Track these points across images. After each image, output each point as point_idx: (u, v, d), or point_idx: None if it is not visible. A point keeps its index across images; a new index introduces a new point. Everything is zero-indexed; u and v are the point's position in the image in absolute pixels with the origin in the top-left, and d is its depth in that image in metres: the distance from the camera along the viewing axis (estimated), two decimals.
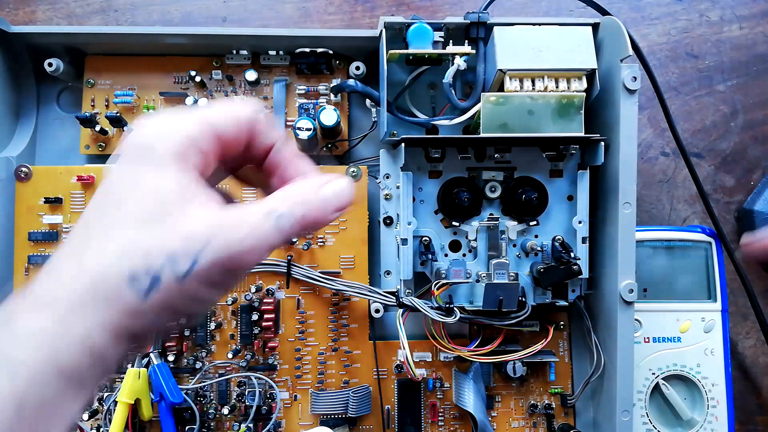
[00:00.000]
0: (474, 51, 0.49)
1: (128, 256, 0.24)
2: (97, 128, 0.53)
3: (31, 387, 0.23)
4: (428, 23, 0.49)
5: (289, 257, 0.52)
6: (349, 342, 0.54)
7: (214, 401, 0.53)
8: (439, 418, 0.54)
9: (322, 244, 0.53)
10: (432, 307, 0.48)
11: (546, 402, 0.55)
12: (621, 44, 0.47)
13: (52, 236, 0.52)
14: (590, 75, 0.48)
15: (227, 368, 0.53)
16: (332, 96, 0.55)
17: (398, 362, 0.54)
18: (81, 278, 0.24)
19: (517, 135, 0.47)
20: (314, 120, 0.52)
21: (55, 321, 0.23)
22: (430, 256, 0.49)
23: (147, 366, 0.50)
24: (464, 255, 0.51)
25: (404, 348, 0.48)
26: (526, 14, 0.61)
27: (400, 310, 0.49)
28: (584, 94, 0.48)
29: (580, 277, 0.49)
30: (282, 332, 0.53)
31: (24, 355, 0.23)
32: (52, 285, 0.24)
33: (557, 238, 0.50)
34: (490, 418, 0.54)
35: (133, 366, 0.50)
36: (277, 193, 0.27)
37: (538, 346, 0.51)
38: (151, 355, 0.50)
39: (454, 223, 0.50)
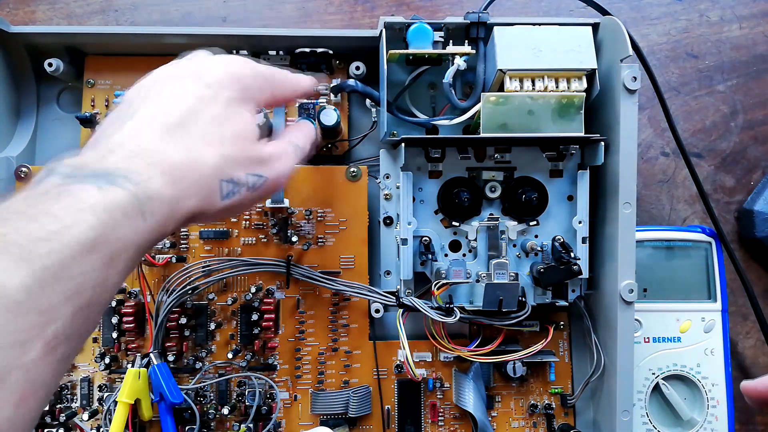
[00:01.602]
0: (474, 51, 0.49)
1: (227, 167, 0.34)
2: (97, 128, 0.53)
3: (156, 220, 0.30)
4: (428, 23, 0.49)
5: (289, 257, 0.52)
6: (349, 342, 0.54)
7: (214, 401, 0.53)
8: (439, 418, 0.54)
9: (322, 244, 0.53)
10: (432, 307, 0.48)
11: (546, 402, 0.55)
12: (621, 44, 0.47)
13: None
14: (590, 75, 0.48)
15: (227, 368, 0.53)
16: (332, 96, 0.55)
17: (398, 362, 0.54)
18: (194, 174, 0.32)
19: (517, 135, 0.47)
20: (314, 120, 0.52)
21: (176, 196, 0.31)
22: (430, 256, 0.49)
23: (147, 366, 0.50)
24: (464, 255, 0.51)
25: (404, 348, 0.48)
26: (526, 14, 0.61)
27: (400, 310, 0.49)
28: (584, 94, 0.48)
29: (580, 277, 0.49)
30: (282, 332, 0.53)
31: (155, 211, 0.30)
32: (177, 172, 0.32)
33: (557, 238, 0.50)
34: (490, 418, 0.54)
35: (133, 366, 0.50)
36: (292, 130, 0.43)
37: (538, 346, 0.51)
38: (151, 355, 0.50)
39: (454, 223, 0.50)
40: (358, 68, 0.54)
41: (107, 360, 0.51)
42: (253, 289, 0.52)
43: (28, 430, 0.24)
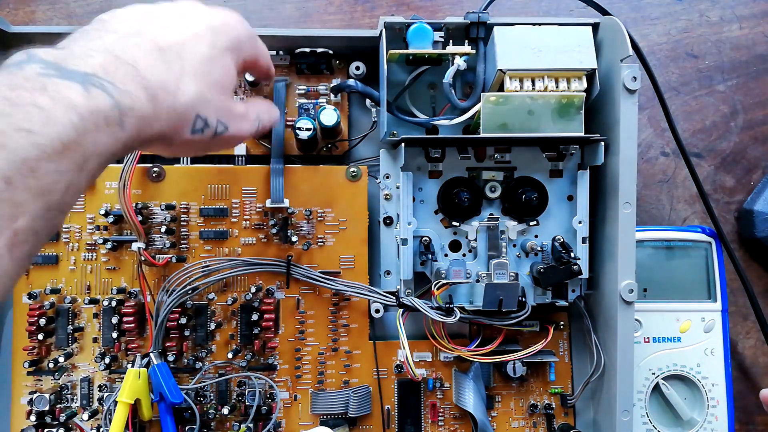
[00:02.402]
0: (474, 51, 0.49)
1: (202, 105, 0.35)
2: None
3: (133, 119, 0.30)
4: (428, 23, 0.49)
5: (289, 257, 0.52)
6: (349, 342, 0.54)
7: (214, 401, 0.53)
8: (439, 418, 0.54)
9: (322, 244, 0.53)
10: (432, 307, 0.48)
11: (546, 402, 0.55)
12: (621, 44, 0.47)
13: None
14: (590, 75, 0.48)
15: (227, 368, 0.53)
16: (332, 96, 0.55)
17: (398, 362, 0.54)
18: (172, 98, 0.33)
19: (517, 135, 0.47)
20: (314, 120, 0.52)
21: (152, 114, 0.32)
22: (430, 256, 0.49)
23: (147, 366, 0.50)
24: (464, 255, 0.51)
25: (404, 348, 0.48)
26: (526, 14, 0.61)
27: (400, 310, 0.49)
28: (584, 94, 0.48)
29: (580, 277, 0.49)
30: (282, 332, 0.53)
31: (132, 123, 0.30)
32: (158, 92, 0.32)
33: (557, 238, 0.50)
34: (490, 418, 0.54)
35: (133, 366, 0.50)
36: (260, 103, 0.44)
37: (538, 346, 0.51)
38: (151, 355, 0.50)
39: (454, 223, 0.50)
40: (358, 68, 0.54)
41: (107, 360, 0.51)
42: (253, 289, 0.52)
43: None
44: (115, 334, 0.52)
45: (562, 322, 0.55)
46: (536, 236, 0.51)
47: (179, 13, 0.37)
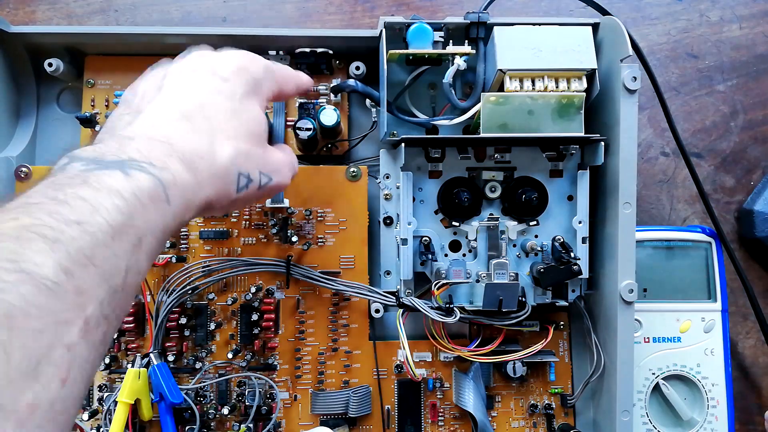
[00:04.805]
0: (474, 51, 0.49)
1: (241, 161, 0.36)
2: (97, 128, 0.53)
3: (176, 211, 0.31)
4: (428, 23, 0.49)
5: (289, 257, 0.52)
6: (349, 342, 0.54)
7: (214, 401, 0.53)
8: (439, 418, 0.54)
9: (322, 244, 0.53)
10: (432, 307, 0.48)
11: (546, 402, 0.55)
12: (621, 44, 0.47)
13: None
14: (590, 75, 0.48)
15: (227, 368, 0.53)
16: (332, 96, 0.55)
17: (398, 362, 0.54)
18: (210, 164, 0.34)
19: (517, 135, 0.47)
20: (314, 120, 0.52)
21: (195, 183, 0.33)
22: (430, 256, 0.49)
23: (147, 366, 0.50)
24: (464, 255, 0.51)
25: (404, 348, 0.48)
26: (526, 14, 0.61)
27: (400, 310, 0.49)
28: (584, 94, 0.48)
29: (580, 277, 0.49)
30: (282, 332, 0.53)
31: (177, 196, 0.31)
32: (195, 161, 0.33)
33: (557, 238, 0.50)
34: (490, 418, 0.54)
35: (133, 366, 0.50)
36: (289, 149, 0.43)
37: (538, 346, 0.51)
38: (151, 355, 0.50)
39: (454, 223, 0.50)
40: (358, 68, 0.54)
41: (107, 360, 0.51)
42: (253, 289, 0.52)
43: (74, 409, 0.25)
44: (114, 334, 0.51)
45: (562, 322, 0.55)
46: (536, 236, 0.51)
47: (191, 72, 0.37)
